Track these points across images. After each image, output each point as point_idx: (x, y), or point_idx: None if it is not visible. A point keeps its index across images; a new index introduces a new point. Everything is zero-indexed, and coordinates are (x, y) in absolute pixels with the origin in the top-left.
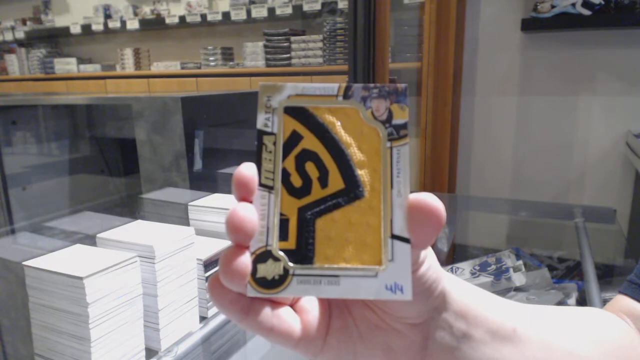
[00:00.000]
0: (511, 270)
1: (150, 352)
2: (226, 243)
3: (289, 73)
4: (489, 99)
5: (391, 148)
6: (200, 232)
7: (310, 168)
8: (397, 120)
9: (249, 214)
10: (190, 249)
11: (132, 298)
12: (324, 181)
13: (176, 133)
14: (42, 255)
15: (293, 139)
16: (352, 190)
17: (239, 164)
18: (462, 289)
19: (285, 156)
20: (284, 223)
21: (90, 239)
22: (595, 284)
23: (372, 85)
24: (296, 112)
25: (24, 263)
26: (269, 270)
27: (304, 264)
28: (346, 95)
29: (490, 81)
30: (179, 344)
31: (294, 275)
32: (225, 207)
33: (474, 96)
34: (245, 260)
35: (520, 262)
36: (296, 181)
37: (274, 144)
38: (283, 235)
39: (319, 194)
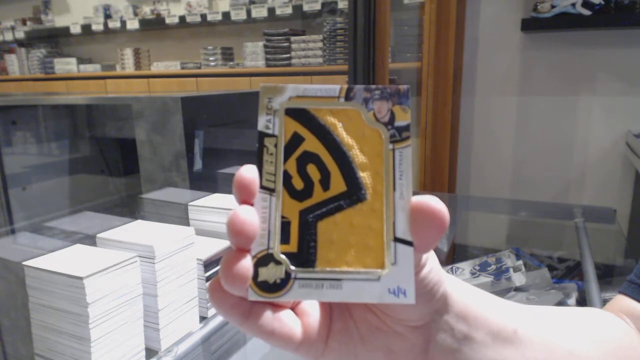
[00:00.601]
0: (511, 270)
1: (150, 352)
2: (226, 243)
3: (289, 73)
4: (489, 99)
5: (393, 150)
6: (200, 232)
7: (312, 170)
8: (399, 122)
9: (250, 217)
10: (190, 249)
11: (132, 298)
12: (325, 184)
13: (176, 133)
14: (42, 255)
15: (294, 141)
16: (354, 193)
17: (239, 164)
18: (463, 291)
19: (286, 158)
20: (285, 226)
21: (90, 239)
22: (595, 284)
23: (373, 86)
24: (297, 114)
25: (24, 263)
26: (270, 273)
27: (306, 267)
28: (348, 97)
29: (490, 81)
30: (179, 344)
31: (295, 279)
32: (225, 207)
33: (474, 96)
34: (247, 264)
35: (520, 262)
36: (298, 184)
37: (275, 146)
38: (284, 239)
39: (320, 196)
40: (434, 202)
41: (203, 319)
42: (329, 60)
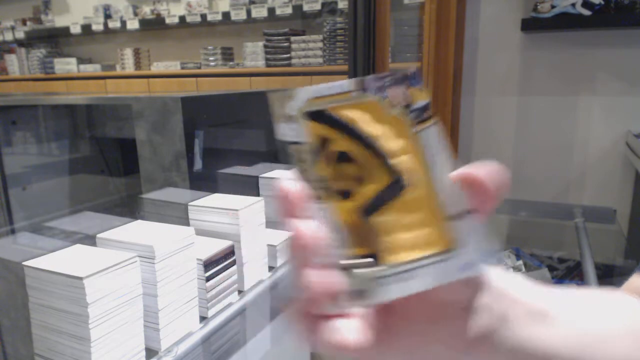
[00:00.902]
0: (511, 270)
1: (150, 352)
2: (226, 243)
3: (289, 73)
4: (489, 99)
5: (419, 131)
6: (200, 232)
7: (348, 169)
8: (418, 102)
9: (314, 231)
10: (190, 249)
11: (132, 298)
12: (364, 179)
13: (176, 133)
14: (42, 255)
15: (322, 144)
16: (395, 182)
17: (239, 164)
18: (497, 272)
19: (319, 162)
20: (344, 230)
21: (90, 239)
22: (595, 284)
23: (383, 74)
24: (317, 116)
25: (24, 263)
26: (351, 281)
27: (379, 266)
28: (360, 89)
29: (490, 81)
30: (179, 344)
31: (373, 279)
32: (226, 207)
33: (474, 96)
34: (329, 278)
35: (520, 262)
36: (339, 185)
37: (305, 152)
38: (350, 243)
39: (365, 193)
40: (476, 171)
41: (203, 319)
42: (329, 60)
